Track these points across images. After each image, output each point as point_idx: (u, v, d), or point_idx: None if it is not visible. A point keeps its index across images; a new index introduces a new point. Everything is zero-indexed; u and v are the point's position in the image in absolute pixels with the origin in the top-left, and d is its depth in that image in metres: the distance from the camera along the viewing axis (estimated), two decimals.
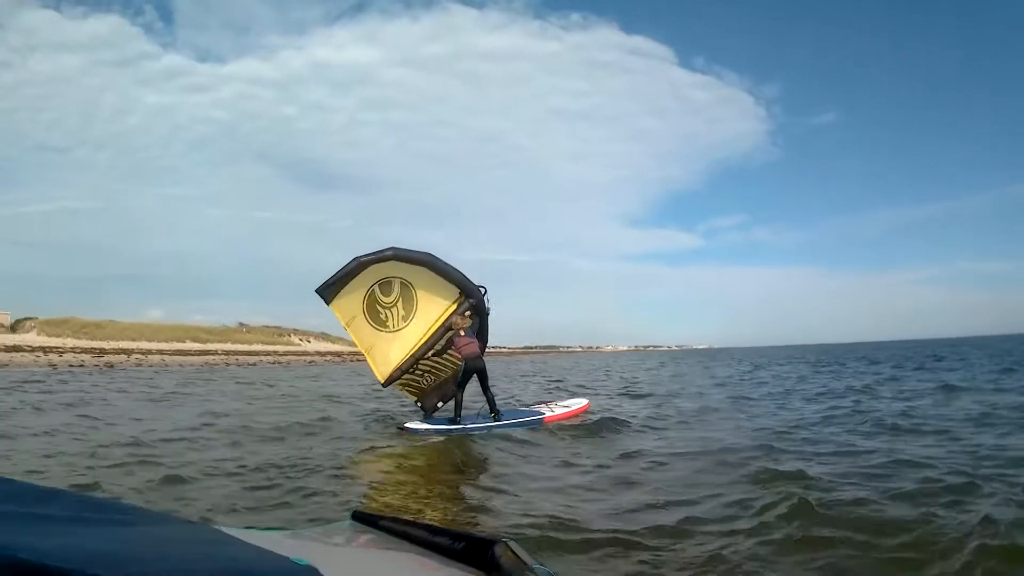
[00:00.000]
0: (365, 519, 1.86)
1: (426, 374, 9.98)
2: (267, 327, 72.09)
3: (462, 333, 9.43)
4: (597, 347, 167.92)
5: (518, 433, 8.72)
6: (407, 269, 9.46)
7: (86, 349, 38.57)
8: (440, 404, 10.11)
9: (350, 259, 9.21)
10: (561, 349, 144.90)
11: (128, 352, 39.94)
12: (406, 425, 9.21)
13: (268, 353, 53.32)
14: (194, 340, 54.23)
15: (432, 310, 9.71)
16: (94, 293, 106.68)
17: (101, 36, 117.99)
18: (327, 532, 1.88)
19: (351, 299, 9.44)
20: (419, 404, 10.16)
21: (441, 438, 8.54)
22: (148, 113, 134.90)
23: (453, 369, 9.89)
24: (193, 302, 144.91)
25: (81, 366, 30.12)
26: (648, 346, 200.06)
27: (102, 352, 38.13)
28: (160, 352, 42.76)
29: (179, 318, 64.97)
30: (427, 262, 9.41)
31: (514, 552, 1.49)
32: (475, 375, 9.58)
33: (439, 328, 9.68)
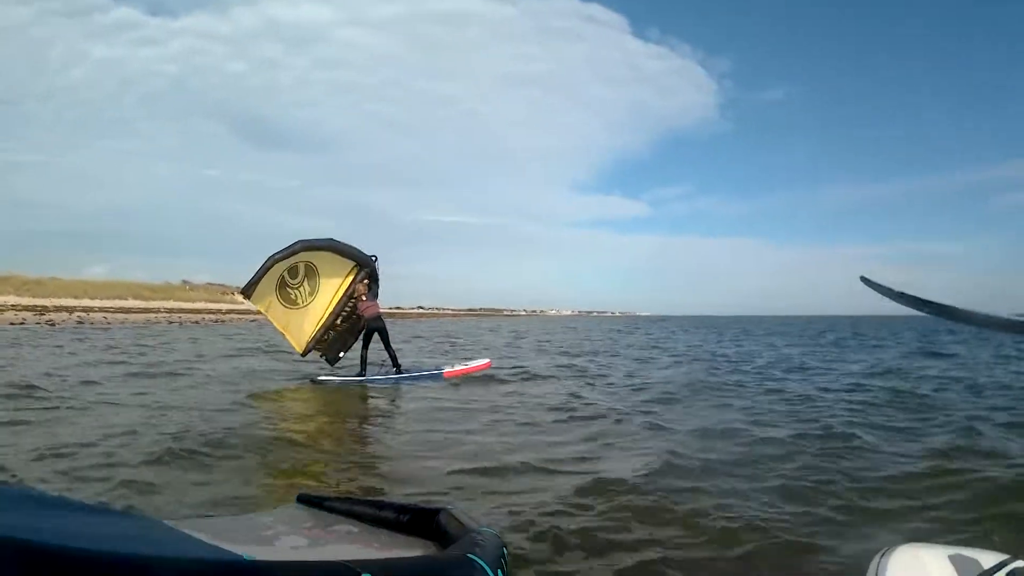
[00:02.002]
0: (310, 501, 1.86)
1: (342, 338, 11.36)
2: (211, 285, 72.02)
3: (364, 298, 10.82)
4: (542, 311, 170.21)
5: (420, 384, 10.48)
6: (311, 255, 10.70)
7: (27, 307, 38.62)
8: (342, 354, 11.41)
9: (265, 259, 10.35)
10: (505, 312, 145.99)
11: (70, 310, 40.00)
12: (319, 378, 10.53)
13: (212, 311, 53.50)
14: (136, 298, 53.94)
15: (332, 283, 10.92)
16: (36, 249, 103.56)
17: None
18: (274, 516, 1.85)
19: (264, 290, 10.59)
20: (323, 357, 11.32)
21: (351, 388, 10.14)
22: (96, 66, 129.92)
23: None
24: (137, 259, 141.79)
25: (23, 324, 30.33)
26: (592, 311, 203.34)
27: (44, 310, 38.24)
28: (103, 310, 42.80)
29: (122, 275, 64.35)
30: (329, 246, 10.74)
31: (458, 518, 1.55)
32: (376, 333, 11.04)
33: (342, 297, 10.91)
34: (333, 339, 11.24)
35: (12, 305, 38.05)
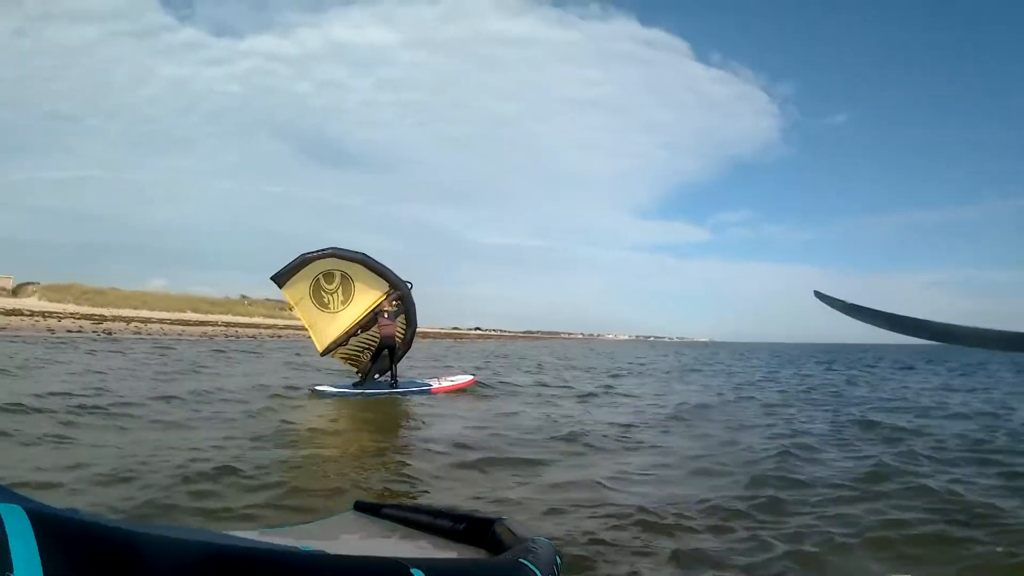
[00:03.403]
0: (367, 508, 1.93)
1: (365, 351, 12.20)
2: (269, 300, 72.99)
3: (385, 315, 11.75)
4: (598, 335, 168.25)
5: (413, 398, 11.34)
6: (346, 265, 11.65)
7: (85, 315, 39.54)
8: (377, 376, 12.26)
9: (298, 255, 11.45)
10: (563, 335, 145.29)
11: (127, 320, 41.03)
12: (316, 388, 11.38)
13: (269, 326, 54.33)
14: (195, 311, 55.08)
15: (366, 298, 11.89)
16: (99, 261, 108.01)
17: (118, 7, 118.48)
18: (331, 524, 1.93)
19: (300, 285, 11.58)
20: (357, 372, 12.29)
21: (350, 399, 10.92)
22: (163, 85, 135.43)
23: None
24: (197, 273, 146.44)
25: (79, 332, 30.98)
26: (650, 336, 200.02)
27: (102, 319, 39.15)
28: (160, 321, 43.74)
29: (182, 288, 65.80)
30: (361, 260, 11.64)
31: (512, 529, 1.57)
32: (387, 350, 11.88)
33: (370, 312, 11.87)
34: (368, 359, 12.18)
35: (71, 313, 39.23)
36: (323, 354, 12.11)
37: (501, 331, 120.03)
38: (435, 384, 12.35)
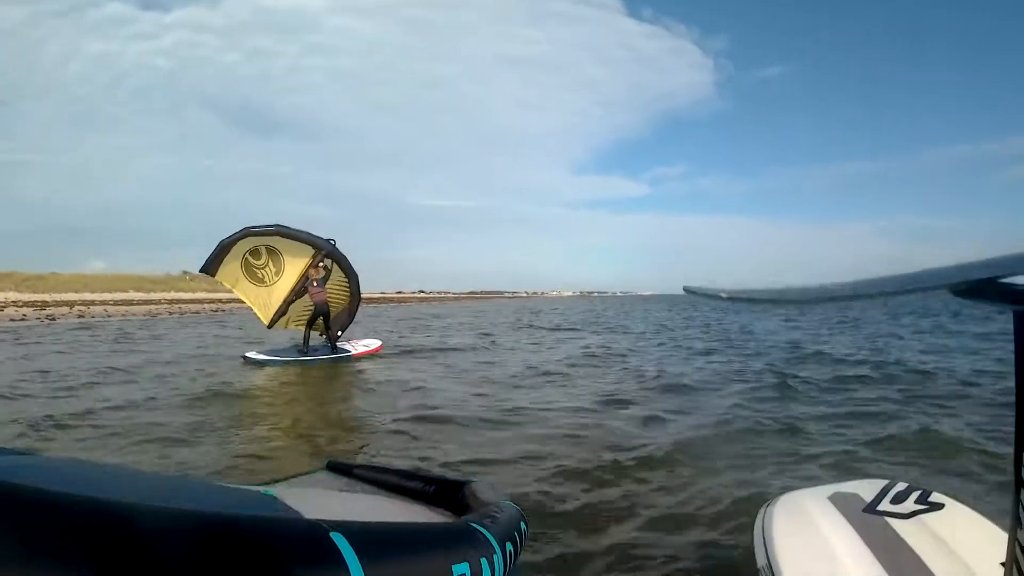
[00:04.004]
0: (339, 468, 1.89)
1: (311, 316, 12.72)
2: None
3: (315, 284, 12.31)
4: (543, 292, 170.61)
5: (344, 363, 12.09)
6: (265, 240, 12.18)
7: (27, 302, 39.55)
8: (340, 333, 13.00)
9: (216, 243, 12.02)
10: (507, 295, 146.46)
11: (71, 304, 40.92)
12: (247, 356, 11.71)
13: (212, 301, 54.20)
14: (138, 290, 54.44)
15: (297, 266, 12.52)
16: (37, 247, 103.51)
17: None
18: (302, 483, 1.87)
19: (230, 268, 12.29)
20: (322, 335, 12.87)
21: (281, 367, 11.27)
22: (90, 61, 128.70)
23: (342, 305, 13.08)
24: (137, 252, 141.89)
25: (23, 320, 30.89)
26: (593, 292, 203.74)
27: (44, 304, 39.15)
28: (103, 303, 43.61)
29: (123, 269, 64.54)
30: (276, 231, 12.06)
31: (481, 492, 1.58)
32: (322, 317, 12.54)
33: (300, 278, 12.52)
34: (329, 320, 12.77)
35: (13, 301, 39.18)
36: (270, 326, 12.84)
37: (445, 293, 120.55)
38: (352, 350, 12.89)
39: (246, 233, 11.92)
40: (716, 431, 6.14)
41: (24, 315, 33.02)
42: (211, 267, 12.18)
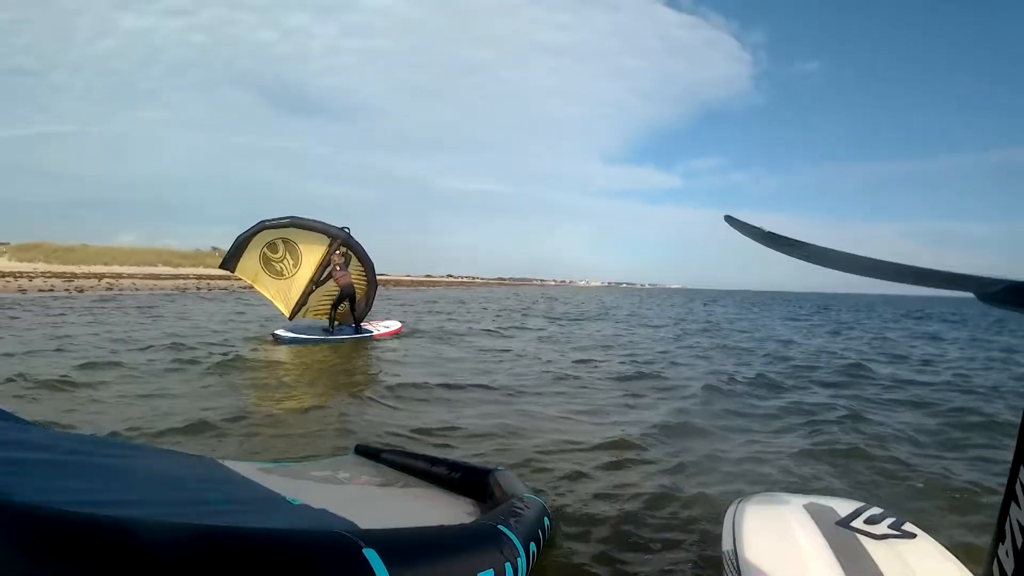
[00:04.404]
0: (367, 452, 1.97)
1: (330, 303, 12.79)
2: None
3: (338, 268, 12.46)
4: (571, 281, 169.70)
5: (367, 342, 12.43)
6: (280, 232, 12.44)
7: (56, 274, 39.34)
8: (363, 316, 13.36)
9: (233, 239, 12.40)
10: (535, 282, 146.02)
11: (99, 276, 40.97)
12: (276, 333, 11.85)
13: (240, 277, 53.47)
14: (166, 264, 54.59)
15: (314, 256, 12.71)
16: (67, 219, 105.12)
17: None
18: (331, 465, 1.93)
19: (249, 264, 12.52)
20: (350, 322, 13.12)
21: (307, 345, 11.49)
22: (125, 36, 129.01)
23: (360, 292, 13.20)
24: (167, 227, 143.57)
25: (51, 291, 30.83)
26: (622, 283, 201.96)
27: (72, 277, 39.10)
28: (131, 276, 43.71)
29: (152, 243, 64.93)
30: (290, 223, 12.32)
31: (505, 482, 1.60)
32: (347, 299, 12.73)
33: (319, 266, 12.70)
34: (347, 309, 12.99)
35: (42, 272, 39.14)
36: (291, 318, 12.87)
37: (473, 278, 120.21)
38: (374, 331, 13.30)
39: (262, 227, 12.20)
40: None
41: (52, 286, 33.05)
42: (230, 263, 12.47)
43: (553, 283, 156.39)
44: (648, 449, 5.03)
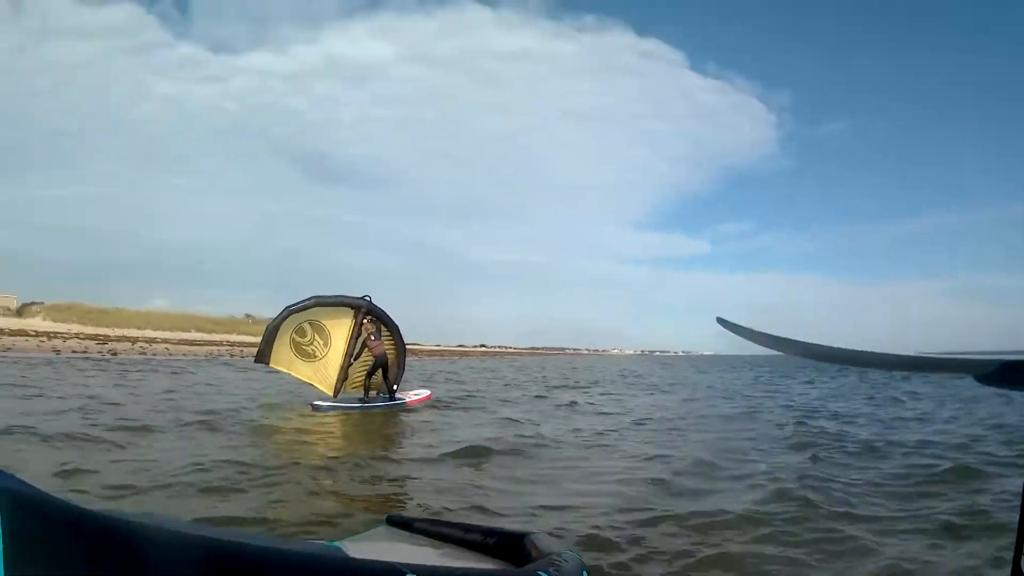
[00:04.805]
0: (400, 522, 1.95)
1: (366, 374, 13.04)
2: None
3: (372, 338, 12.61)
4: (603, 350, 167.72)
5: (400, 410, 12.68)
6: (306, 314, 12.49)
7: (90, 336, 39.58)
8: (396, 382, 13.30)
9: (265, 327, 12.77)
10: (569, 351, 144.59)
11: (133, 340, 40.99)
12: (315, 403, 11.86)
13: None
14: (199, 330, 54.56)
15: (342, 330, 12.72)
16: (101, 280, 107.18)
17: (117, 24, 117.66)
18: (364, 538, 1.96)
19: (282, 353, 12.51)
20: (382, 392, 13.18)
21: (345, 413, 11.69)
22: (161, 102, 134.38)
23: (390, 357, 13.14)
24: (200, 292, 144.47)
25: (85, 352, 30.71)
26: (655, 350, 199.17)
27: (106, 339, 39.18)
28: (165, 341, 43.66)
29: (185, 308, 65.07)
30: (315, 303, 12.46)
31: (542, 543, 1.58)
32: (381, 368, 12.82)
33: (351, 339, 12.68)
34: (380, 377, 13.13)
35: (76, 333, 39.30)
36: (335, 395, 12.64)
37: (505, 348, 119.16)
38: (406, 399, 13.49)
39: (288, 313, 12.36)
40: None
41: (86, 348, 33.02)
42: (264, 356, 12.52)
43: (586, 352, 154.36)
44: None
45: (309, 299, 12.38)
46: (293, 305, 12.33)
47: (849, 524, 4.92)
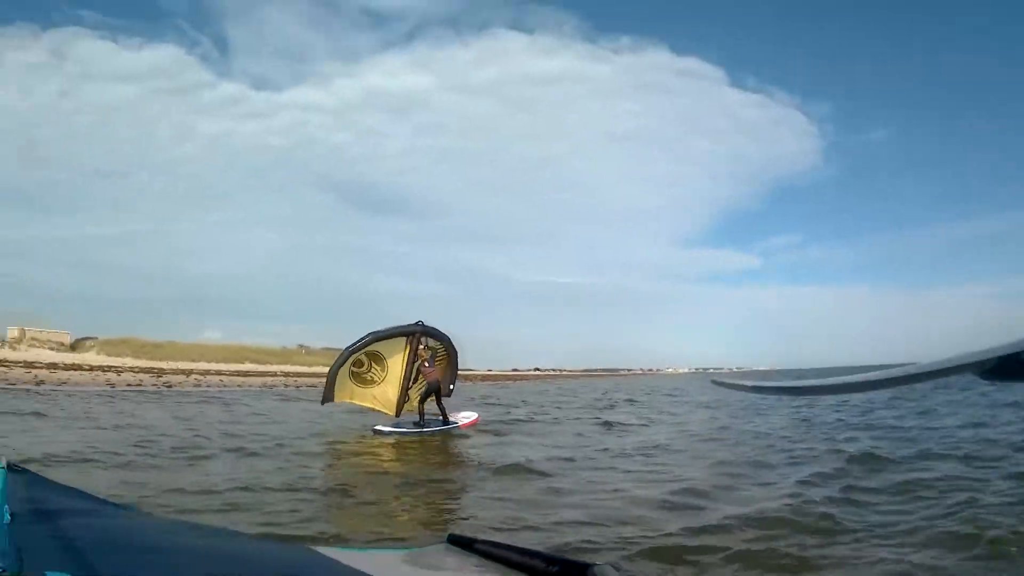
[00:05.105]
0: (460, 542, 1.87)
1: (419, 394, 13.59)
2: (327, 349, 71.72)
3: (425, 364, 13.29)
4: (658, 369, 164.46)
5: (452, 433, 13.21)
6: (363, 352, 13.26)
7: (144, 369, 39.75)
8: (451, 386, 14.10)
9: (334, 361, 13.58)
10: (623, 372, 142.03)
11: (187, 372, 40.93)
12: (376, 428, 12.69)
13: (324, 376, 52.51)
14: (253, 361, 54.17)
15: (397, 356, 13.46)
16: (152, 314, 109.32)
17: (158, 66, 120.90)
18: (423, 554, 1.94)
19: (344, 388, 13.37)
20: (436, 414, 13.65)
21: (402, 437, 12.33)
22: (205, 140, 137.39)
23: (443, 366, 13.87)
24: (251, 324, 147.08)
25: (139, 386, 30.43)
26: (709, 368, 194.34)
27: (161, 372, 39.12)
28: (219, 373, 43.58)
29: (238, 339, 65.15)
30: (371, 339, 13.16)
31: (608, 574, 1.47)
32: (434, 393, 13.33)
33: (408, 363, 13.40)
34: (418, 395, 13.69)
35: (130, 367, 39.55)
36: (397, 415, 13.54)
37: (559, 370, 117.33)
38: (458, 422, 14.01)
39: (349, 354, 13.17)
40: None
41: (140, 381, 32.89)
42: (330, 395, 13.32)
43: (640, 371, 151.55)
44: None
45: (366, 336, 13.11)
46: (351, 346, 13.16)
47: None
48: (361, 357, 13.25)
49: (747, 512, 5.73)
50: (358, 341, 13.06)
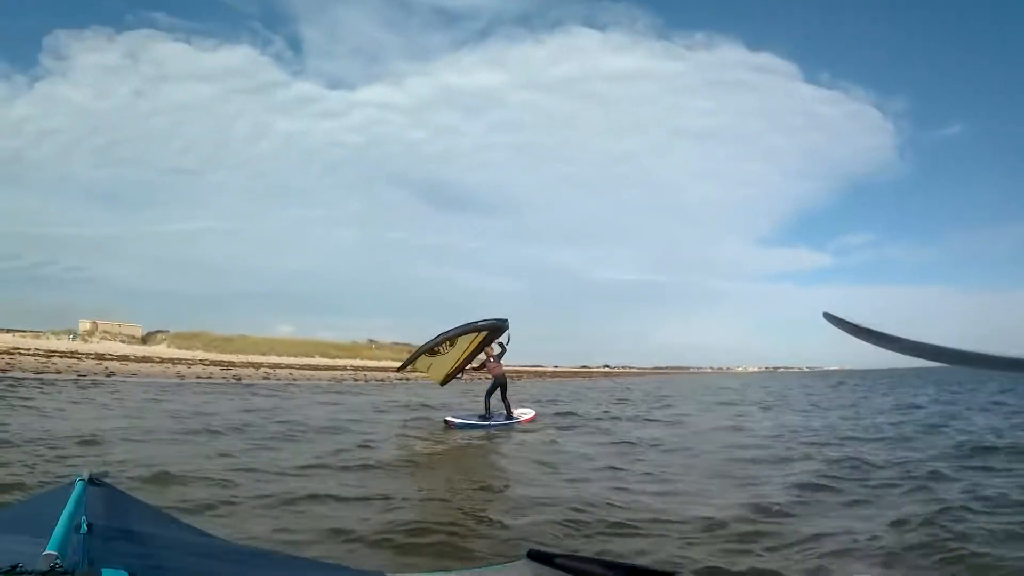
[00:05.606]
0: (541, 557, 1.84)
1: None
2: (397, 344, 71.48)
3: (492, 360, 14.37)
4: (727, 368, 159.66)
5: (516, 427, 13.95)
6: (443, 344, 14.20)
7: (214, 361, 39.90)
8: (461, 375, 15.61)
9: (436, 335, 14.39)
10: (692, 370, 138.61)
11: (256, 366, 41.12)
12: (448, 419, 13.35)
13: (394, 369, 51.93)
14: (323, 356, 54.13)
15: (466, 342, 14.15)
16: (224, 309, 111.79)
17: (232, 66, 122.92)
18: (503, 572, 1.94)
19: (422, 362, 14.88)
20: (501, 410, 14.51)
21: (473, 430, 13.01)
22: (280, 138, 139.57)
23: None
24: (323, 318, 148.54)
25: (209, 378, 30.52)
26: (779, 367, 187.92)
27: (231, 365, 39.29)
28: (288, 367, 43.60)
29: (309, 334, 65.04)
30: (465, 330, 13.92)
31: None
32: (499, 388, 14.22)
33: (472, 351, 14.37)
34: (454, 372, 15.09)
35: (200, 360, 39.79)
36: (443, 384, 15.33)
37: (628, 368, 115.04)
38: (519, 418, 14.79)
39: (443, 338, 14.08)
40: None
41: (211, 373, 32.92)
42: (406, 366, 15.75)
43: (710, 370, 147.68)
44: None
45: (461, 326, 13.99)
46: (445, 332, 14.10)
47: None
48: (438, 348, 14.45)
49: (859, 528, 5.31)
50: (453, 329, 14.03)
